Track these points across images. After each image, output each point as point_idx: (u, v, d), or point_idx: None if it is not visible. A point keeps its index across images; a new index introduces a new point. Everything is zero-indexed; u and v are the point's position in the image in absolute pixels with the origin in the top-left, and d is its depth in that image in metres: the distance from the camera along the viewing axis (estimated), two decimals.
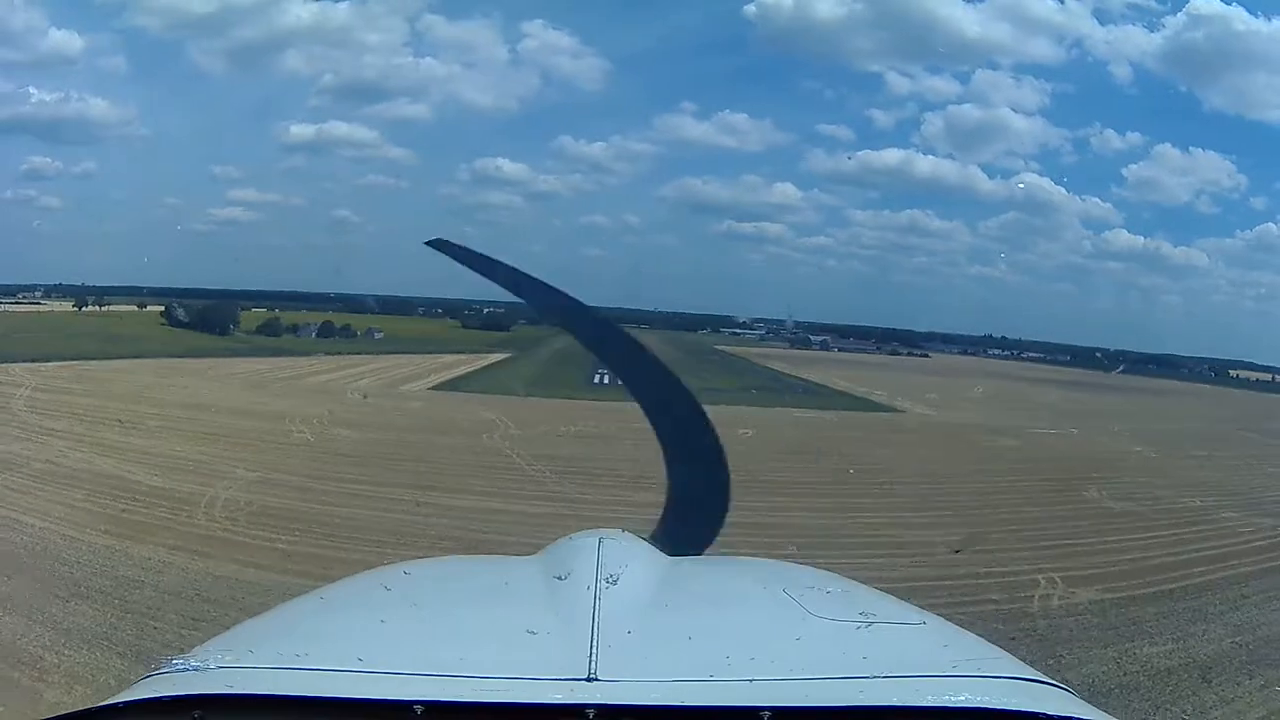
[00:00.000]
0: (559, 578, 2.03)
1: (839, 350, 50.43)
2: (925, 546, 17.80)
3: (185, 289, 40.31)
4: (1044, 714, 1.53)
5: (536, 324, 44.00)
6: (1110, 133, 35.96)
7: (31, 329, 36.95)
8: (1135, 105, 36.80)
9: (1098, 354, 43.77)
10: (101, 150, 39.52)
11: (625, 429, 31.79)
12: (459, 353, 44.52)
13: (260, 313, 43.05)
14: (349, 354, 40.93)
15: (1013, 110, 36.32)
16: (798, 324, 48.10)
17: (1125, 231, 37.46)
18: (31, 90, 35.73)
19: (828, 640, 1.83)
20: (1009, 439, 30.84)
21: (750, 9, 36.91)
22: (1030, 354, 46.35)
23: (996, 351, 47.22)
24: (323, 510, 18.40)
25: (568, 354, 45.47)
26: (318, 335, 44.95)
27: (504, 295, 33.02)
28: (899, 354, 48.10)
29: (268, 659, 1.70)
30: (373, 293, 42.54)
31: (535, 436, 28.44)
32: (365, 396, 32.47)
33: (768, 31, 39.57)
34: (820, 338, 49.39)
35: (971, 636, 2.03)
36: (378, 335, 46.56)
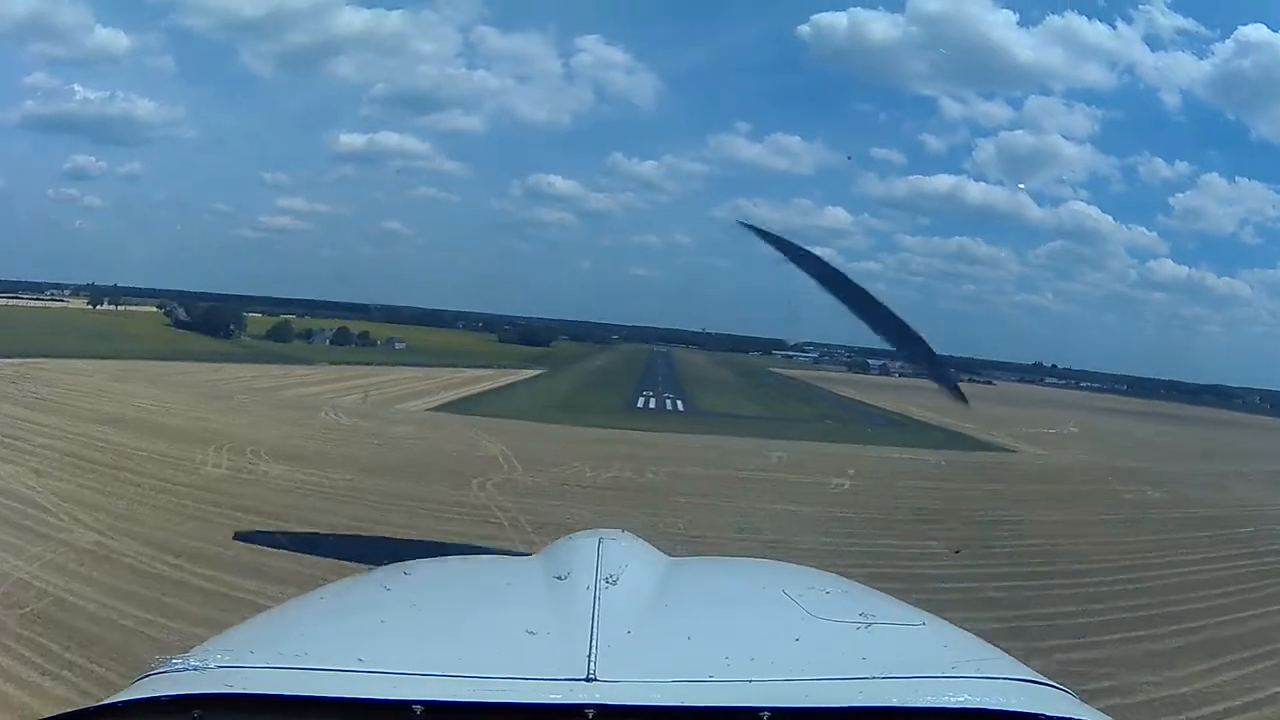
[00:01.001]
0: (559, 578, 1.99)
1: (899, 375, 44.77)
2: None
3: (225, 294, 37.73)
4: (1044, 715, 1.52)
5: (580, 340, 43.22)
6: (1159, 161, 34.73)
7: (24, 324, 34.36)
8: (1183, 133, 35.52)
9: (1158, 383, 42.92)
10: (147, 151, 37.82)
11: (681, 478, 24.08)
12: (487, 367, 41.14)
13: (271, 317, 40.29)
14: (358, 364, 37.96)
15: (1063, 137, 35.15)
16: (848, 348, 45.22)
17: (1170, 261, 36.46)
18: (77, 88, 34.19)
19: (828, 640, 1.80)
20: (1153, 489, 26.05)
21: (805, 29, 35.58)
22: (1086, 383, 45.20)
23: (1053, 380, 45.64)
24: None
25: (608, 371, 44.54)
26: (332, 342, 42.08)
27: (543, 311, 39.91)
28: (961, 380, 37.96)
29: (268, 659, 1.68)
30: (418, 305, 40.18)
31: (547, 486, 22.37)
32: (341, 415, 27.55)
33: (822, 53, 38.05)
34: (879, 361, 45.67)
35: (971, 637, 1.97)
36: (399, 345, 43.27)
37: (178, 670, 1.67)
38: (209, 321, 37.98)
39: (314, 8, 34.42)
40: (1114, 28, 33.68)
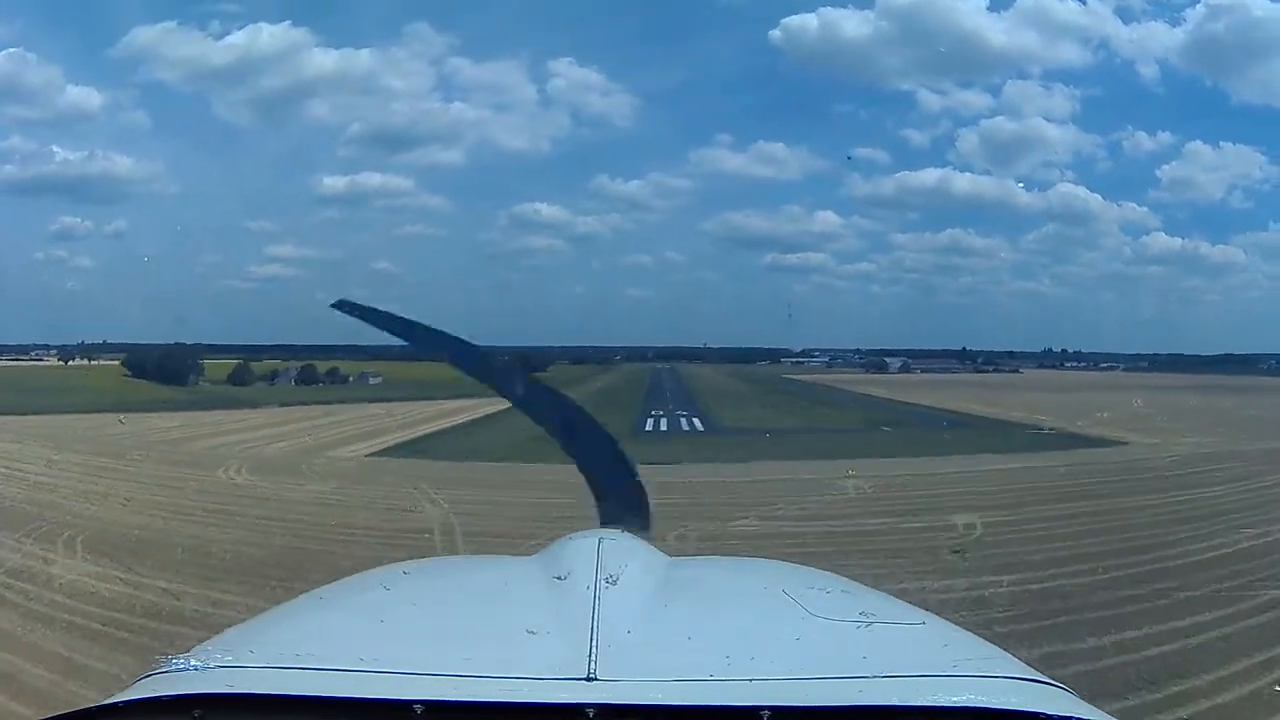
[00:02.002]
0: (559, 577, 2.01)
1: (921, 371, 45.01)
2: None
3: (216, 344, 36.93)
4: (1044, 714, 1.51)
5: (582, 362, 41.01)
6: (1141, 134, 35.13)
7: None
8: (1164, 104, 35.86)
9: (1173, 358, 40.80)
10: (131, 208, 38.53)
11: (730, 551, 16.08)
12: (469, 398, 35.74)
13: (231, 361, 37.54)
14: (318, 403, 35.27)
15: (1045, 119, 35.58)
16: (859, 350, 44.73)
17: (1163, 234, 36.26)
18: (55, 149, 34.77)
19: (828, 640, 1.81)
20: None
21: (776, 34, 35.99)
22: (1105, 363, 43.25)
23: (1071, 364, 43.74)
24: None
25: (609, 391, 38.82)
26: (297, 382, 39.22)
27: (541, 339, 39.21)
28: (985, 370, 43.59)
29: (268, 659, 1.70)
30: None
31: None
32: (242, 473, 22.28)
33: (796, 56, 38.69)
34: (897, 360, 44.78)
35: (971, 636, 2.00)
36: (374, 380, 40.88)
37: (178, 670, 1.68)
38: (162, 369, 36.13)
39: (281, 52, 33.59)
40: (1084, 3, 33.69)
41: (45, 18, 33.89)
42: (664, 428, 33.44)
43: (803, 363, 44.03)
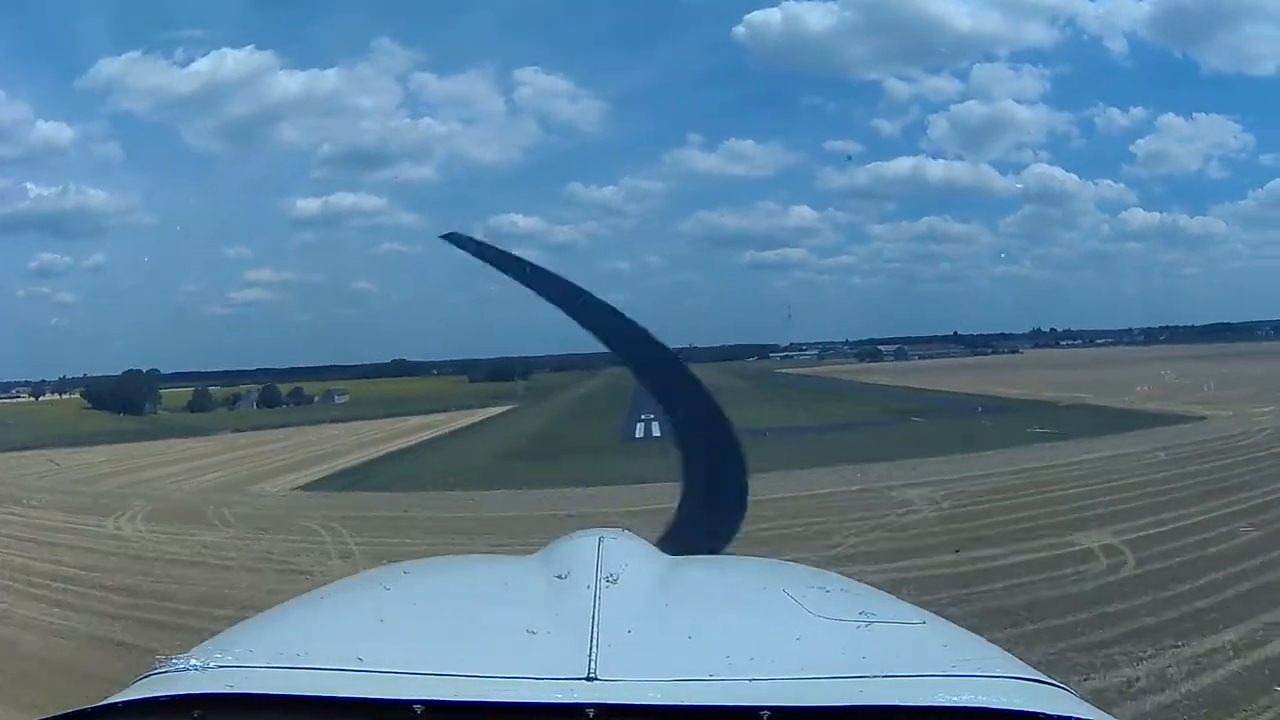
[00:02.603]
0: (559, 577, 1.98)
1: (918, 358, 41.81)
2: None
3: (205, 372, 36.31)
4: (1044, 714, 1.50)
5: (564, 370, 40.23)
6: (1114, 110, 34.08)
7: None
8: (1134, 78, 34.89)
9: (1167, 329, 39.22)
10: (108, 242, 38.06)
11: None
12: (440, 411, 35.23)
13: (188, 389, 36.52)
14: (274, 426, 33.54)
15: (1015, 101, 34.56)
16: (847, 341, 42.25)
17: (1141, 210, 35.41)
18: (29, 186, 34.49)
19: (828, 640, 1.79)
20: None
21: (740, 30, 34.87)
22: (1101, 340, 40.83)
23: (1067, 342, 41.38)
24: None
25: (592, 397, 37.05)
26: (259, 405, 37.27)
27: (526, 350, 35.56)
28: (983, 353, 40.89)
29: (268, 659, 1.67)
30: (403, 357, 37.89)
31: None
32: (135, 521, 18.85)
33: (762, 52, 37.45)
34: (890, 348, 42.30)
35: (971, 636, 1.96)
36: (340, 399, 38.20)
37: (178, 670, 1.66)
38: (118, 399, 34.79)
39: (247, 76, 33.00)
40: None
41: (11, 53, 33.44)
42: (657, 433, 29.86)
43: (792, 356, 42.72)
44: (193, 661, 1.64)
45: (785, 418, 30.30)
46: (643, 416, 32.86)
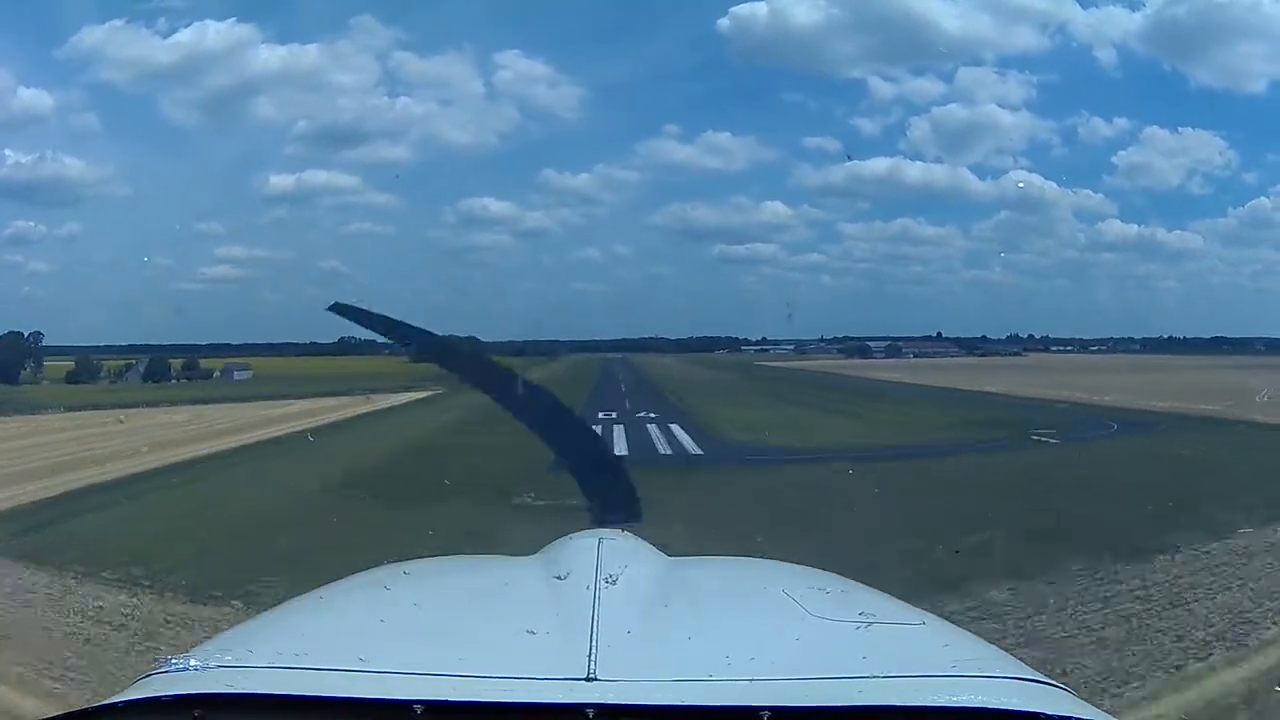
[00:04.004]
0: (559, 577, 1.99)
1: (914, 356, 39.90)
2: None
3: (178, 345, 35.66)
4: (1044, 714, 1.50)
5: (523, 354, 36.35)
6: (1098, 120, 33.98)
7: None
8: (1121, 89, 34.57)
9: (1163, 341, 38.75)
10: (83, 211, 38.64)
11: None
12: (347, 395, 32.66)
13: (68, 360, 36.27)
14: (121, 406, 30.19)
15: (999, 106, 34.26)
16: (822, 338, 40.79)
17: (1118, 221, 35.31)
18: (8, 152, 34.64)
19: (828, 640, 1.80)
20: None
21: (725, 23, 34.53)
22: (1095, 348, 40.54)
23: (1058, 348, 41.17)
24: None
25: (543, 386, 26.59)
26: (145, 378, 35.86)
27: (492, 335, 36.29)
28: (982, 355, 39.97)
29: (268, 659, 1.68)
30: (352, 336, 35.04)
31: None
32: None
33: (745, 45, 36.78)
34: (880, 344, 40.20)
35: (971, 637, 1.98)
36: (240, 375, 37.02)
37: (178, 670, 1.66)
38: None
39: (227, 49, 31.90)
40: None
41: None
42: (623, 447, 22.12)
43: (768, 350, 41.52)
44: (193, 662, 1.65)
45: (823, 431, 24.36)
46: (603, 413, 26.97)
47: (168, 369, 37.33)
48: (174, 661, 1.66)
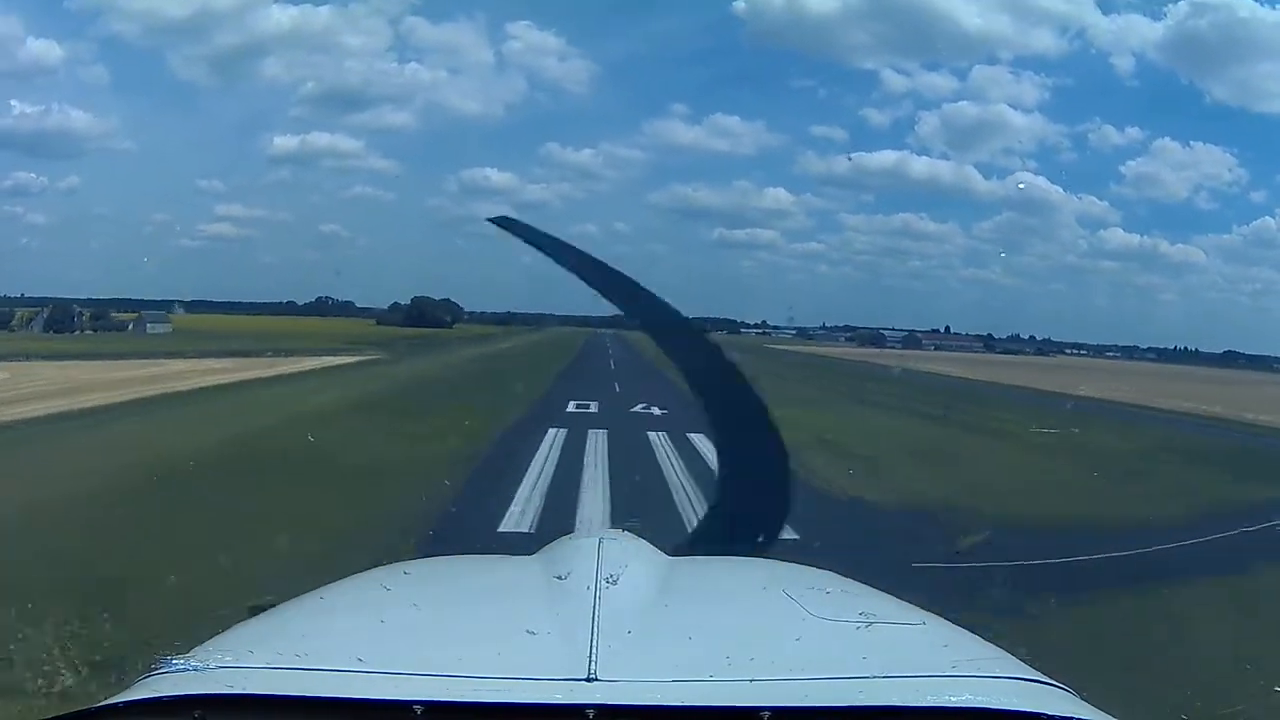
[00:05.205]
0: (559, 578, 1.96)
1: (935, 348, 37.96)
2: None
3: (169, 300, 33.33)
4: (1044, 714, 1.48)
5: (507, 324, 37.71)
6: (1109, 128, 32.11)
7: None
8: (1136, 98, 33.91)
9: (1179, 352, 37.18)
10: (85, 164, 36.39)
11: None
12: (258, 355, 28.66)
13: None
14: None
15: (1010, 106, 32.58)
16: (825, 326, 38.40)
17: (1121, 230, 34.62)
18: (13, 103, 34.33)
19: (828, 640, 1.77)
20: None
21: (740, 5, 32.77)
22: (1110, 354, 39.09)
23: (1071, 351, 39.45)
24: None
25: (508, 356, 32.34)
26: (46, 328, 32.74)
27: (488, 305, 36.50)
28: (1012, 353, 37.94)
29: (268, 659, 1.65)
30: (329, 296, 35.47)
31: None
32: None
33: (759, 28, 34.71)
34: (896, 334, 38.30)
35: (971, 637, 1.93)
36: (156, 328, 32.48)
37: (178, 670, 1.63)
38: None
39: (240, 6, 30.05)
40: None
41: None
42: (609, 506, 13.00)
43: (768, 333, 39.78)
44: (193, 661, 1.62)
45: (1003, 470, 16.98)
46: (575, 403, 21.96)
47: (72, 319, 35.32)
48: (174, 661, 1.63)
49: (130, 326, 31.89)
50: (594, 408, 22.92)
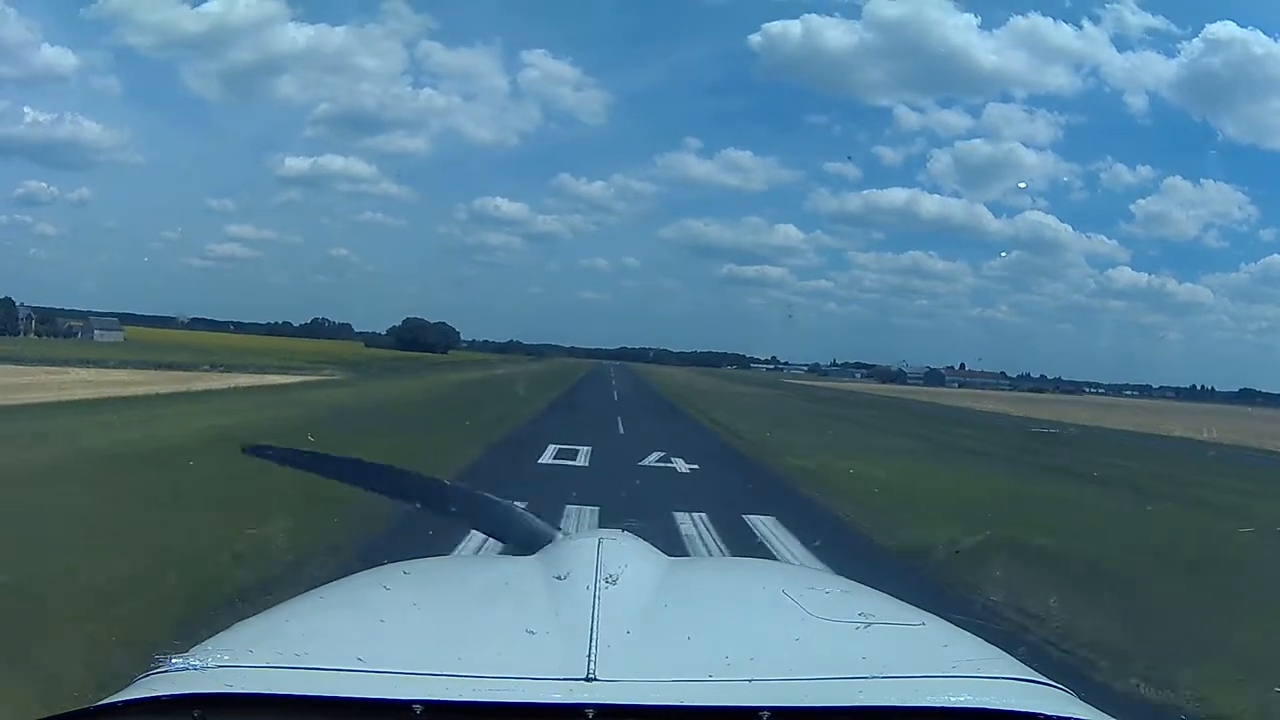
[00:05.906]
0: (558, 577, 1.96)
1: (959, 385, 37.87)
2: None
3: (155, 316, 34.49)
4: (1044, 714, 1.48)
5: (507, 352, 36.45)
6: (1121, 166, 26.64)
7: None
8: (1148, 136, 29.86)
9: (1195, 390, 37.73)
10: (95, 176, 33.42)
11: None
12: (226, 371, 27.19)
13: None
14: None
15: (1024, 145, 28.34)
16: (836, 362, 39.73)
17: (1129, 269, 34.44)
18: (26, 110, 31.70)
19: (828, 640, 1.78)
20: None
21: (756, 39, 28.94)
22: (1129, 392, 38.53)
23: (1092, 390, 37.96)
24: None
25: (494, 386, 28.09)
26: None
27: (494, 335, 39.24)
28: (1043, 391, 35.76)
29: (267, 659, 1.65)
30: (325, 318, 36.27)
31: None
32: None
33: (773, 63, 28.75)
34: (916, 370, 40.00)
35: (971, 637, 1.94)
36: (103, 336, 31.44)
37: (177, 670, 1.62)
38: None
39: (255, 23, 26.89)
40: (1080, 28, 26.29)
41: None
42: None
43: (780, 369, 39.69)
44: (193, 661, 1.61)
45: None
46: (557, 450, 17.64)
47: (15, 323, 33.64)
48: (174, 661, 1.62)
49: (79, 334, 30.70)
50: (582, 458, 17.54)
